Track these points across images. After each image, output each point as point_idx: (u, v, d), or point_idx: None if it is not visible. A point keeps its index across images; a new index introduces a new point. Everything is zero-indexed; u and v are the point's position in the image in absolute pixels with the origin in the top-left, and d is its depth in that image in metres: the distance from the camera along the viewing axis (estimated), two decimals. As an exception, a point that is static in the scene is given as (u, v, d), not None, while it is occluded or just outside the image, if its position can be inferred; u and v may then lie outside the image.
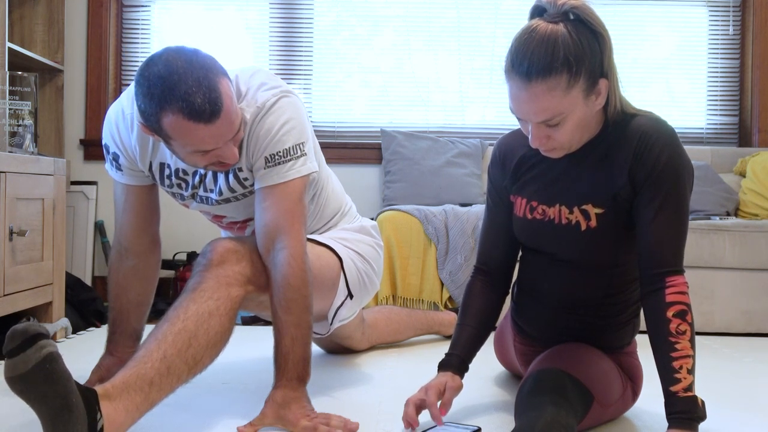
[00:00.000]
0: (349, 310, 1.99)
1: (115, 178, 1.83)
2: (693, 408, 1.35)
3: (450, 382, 1.59)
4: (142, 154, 1.75)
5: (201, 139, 1.50)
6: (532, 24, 1.40)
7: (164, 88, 1.46)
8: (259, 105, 1.65)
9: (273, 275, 1.63)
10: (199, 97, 1.45)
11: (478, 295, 1.69)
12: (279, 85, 1.71)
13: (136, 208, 1.84)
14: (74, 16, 3.66)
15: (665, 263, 1.43)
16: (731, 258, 2.89)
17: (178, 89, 1.45)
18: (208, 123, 1.48)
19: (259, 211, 1.68)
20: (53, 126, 3.53)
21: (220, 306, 1.54)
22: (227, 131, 1.53)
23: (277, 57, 3.80)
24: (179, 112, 1.46)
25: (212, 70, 1.50)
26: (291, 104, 1.69)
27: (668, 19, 3.84)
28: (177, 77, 1.45)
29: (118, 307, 1.87)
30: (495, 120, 3.83)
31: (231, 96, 1.53)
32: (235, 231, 1.95)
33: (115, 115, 1.76)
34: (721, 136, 3.87)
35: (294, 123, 1.68)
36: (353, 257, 1.96)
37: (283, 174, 1.66)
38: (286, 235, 1.63)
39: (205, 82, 1.47)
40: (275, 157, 1.65)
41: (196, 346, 1.48)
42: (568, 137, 1.44)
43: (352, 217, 2.10)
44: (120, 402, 1.36)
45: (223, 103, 1.49)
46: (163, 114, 1.48)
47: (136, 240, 1.86)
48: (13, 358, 1.24)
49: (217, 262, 1.60)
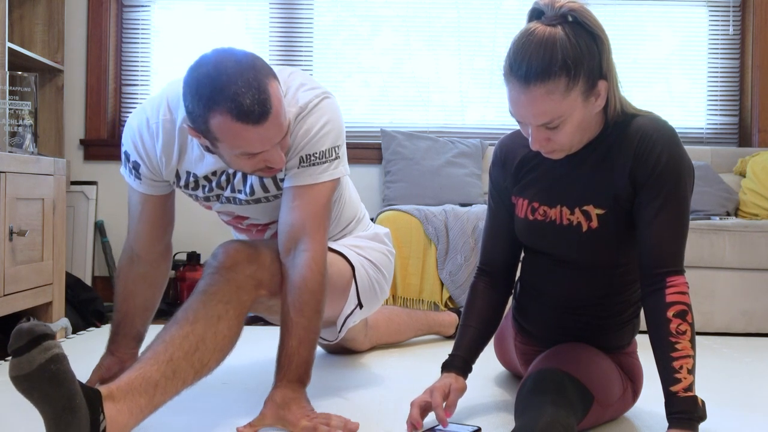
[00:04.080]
0: (358, 318, 1.98)
1: (133, 186, 1.79)
2: (693, 408, 1.35)
3: (454, 384, 1.59)
4: (167, 162, 1.71)
5: (249, 141, 1.48)
6: (530, 27, 1.40)
7: (213, 88, 1.43)
8: (302, 105, 1.63)
9: (290, 275, 1.62)
10: (248, 98, 1.43)
11: (482, 296, 1.69)
12: (319, 86, 1.69)
13: (152, 218, 1.82)
14: (74, 16, 3.66)
15: (666, 263, 1.43)
16: (731, 258, 2.89)
17: (228, 90, 1.42)
18: (257, 124, 1.45)
19: (286, 209, 1.66)
20: (53, 126, 3.53)
21: (229, 310, 1.53)
22: (276, 134, 1.50)
23: (277, 57, 3.79)
24: (228, 113, 1.43)
25: (262, 72, 1.47)
26: (331, 106, 1.68)
27: (668, 19, 3.84)
28: (226, 78, 1.43)
29: (124, 311, 1.86)
30: (495, 120, 3.83)
31: (280, 98, 1.50)
32: (254, 234, 1.93)
33: (138, 124, 1.71)
34: (721, 136, 3.87)
35: (333, 125, 1.66)
36: (365, 265, 1.95)
37: (316, 175, 1.65)
38: (310, 237, 1.62)
39: (254, 84, 1.44)
40: (311, 157, 1.64)
41: (204, 349, 1.48)
42: (568, 139, 1.44)
43: (366, 224, 2.09)
44: (124, 403, 1.36)
45: (273, 104, 1.46)
46: (211, 115, 1.45)
47: (150, 248, 1.84)
48: (18, 358, 1.23)
49: (228, 265, 1.58)
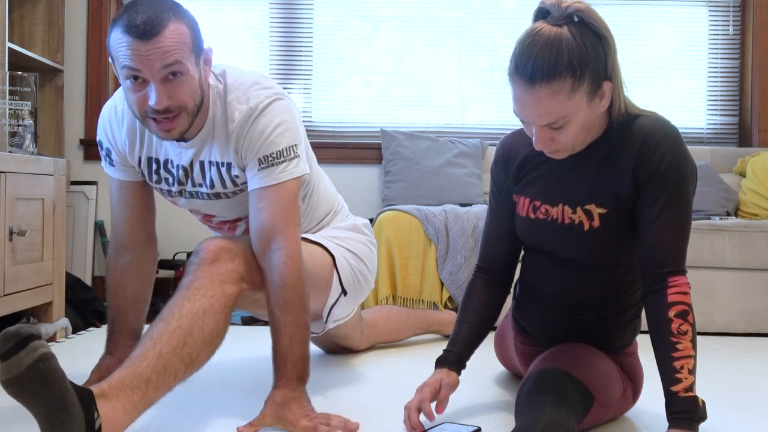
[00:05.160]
0: (344, 308, 1.99)
1: (109, 173, 1.86)
2: (694, 408, 1.35)
3: (446, 379, 1.59)
4: (131, 148, 1.78)
5: (130, 53, 1.50)
6: (536, 27, 1.40)
7: (124, 9, 1.53)
8: (252, 106, 1.66)
9: (269, 276, 1.63)
10: (141, 16, 1.50)
11: (479, 294, 1.69)
12: (273, 86, 1.72)
13: (131, 203, 1.86)
14: (74, 16, 3.65)
15: (667, 263, 1.43)
16: (731, 258, 2.89)
17: (132, 8, 1.51)
18: (139, 39, 1.49)
19: (254, 212, 1.68)
20: (53, 126, 3.53)
21: (214, 303, 1.55)
22: (158, 58, 1.51)
23: (277, 57, 3.79)
24: (120, 26, 1.51)
25: (173, 11, 1.54)
26: (284, 107, 1.70)
27: (668, 19, 3.84)
28: (140, 2, 1.52)
29: (116, 305, 1.88)
30: (495, 120, 3.83)
31: (180, 36, 1.53)
32: (225, 231, 1.95)
33: (108, 111, 1.80)
34: (721, 136, 3.87)
35: (287, 125, 1.68)
36: (346, 255, 1.96)
37: (276, 175, 1.67)
38: (282, 235, 1.64)
39: (155, 10, 1.51)
40: (269, 158, 1.66)
41: (192, 344, 1.49)
42: (572, 139, 1.44)
43: (344, 216, 2.11)
44: (117, 401, 1.36)
45: (165, 30, 1.51)
46: (112, 30, 1.53)
47: (132, 235, 1.87)
48: (6, 361, 1.24)
49: (210, 260, 1.60)
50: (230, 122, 1.66)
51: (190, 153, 1.72)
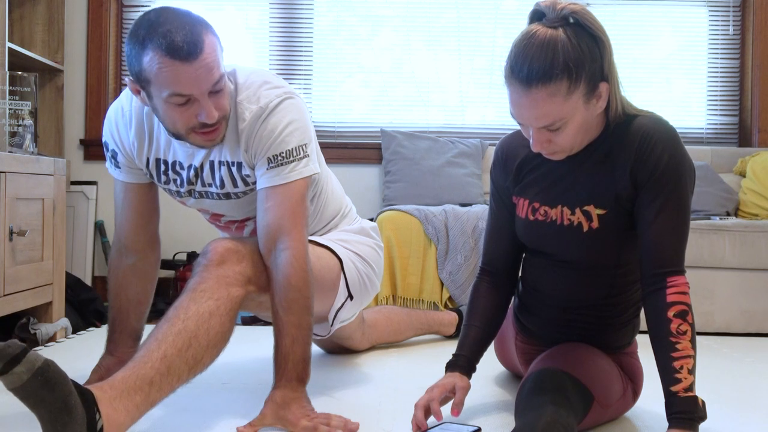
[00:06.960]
0: (349, 311, 1.99)
1: (114, 175, 1.85)
2: (693, 408, 1.35)
3: (459, 383, 1.59)
4: (139, 149, 1.76)
5: (177, 78, 1.49)
6: (532, 29, 1.39)
7: (149, 29, 1.49)
8: (262, 105, 1.65)
9: (274, 276, 1.63)
10: (180, 36, 1.47)
11: (484, 296, 1.69)
12: (283, 85, 1.71)
13: (135, 205, 1.85)
14: (74, 16, 3.66)
15: (666, 263, 1.43)
16: (731, 258, 2.89)
17: (162, 28, 1.48)
18: (185, 61, 1.48)
19: (261, 211, 1.68)
20: (53, 126, 3.53)
21: (220, 306, 1.54)
22: (205, 77, 1.51)
23: (277, 57, 3.80)
24: (158, 48, 1.47)
25: (201, 24, 1.52)
26: (294, 106, 1.69)
27: (668, 19, 3.84)
28: (163, 20, 1.49)
29: (117, 306, 1.88)
30: (495, 120, 3.83)
31: (215, 48, 1.53)
32: (233, 231, 1.95)
33: (115, 113, 1.78)
34: (721, 136, 3.87)
35: (297, 124, 1.68)
36: (353, 258, 1.96)
37: (285, 175, 1.66)
38: (288, 236, 1.63)
39: (188, 27, 1.49)
40: (278, 157, 1.66)
41: (197, 346, 1.48)
42: (570, 141, 1.44)
43: (351, 218, 2.10)
44: (119, 402, 1.36)
45: (204, 46, 1.50)
46: (144, 53, 1.49)
47: (135, 237, 1.87)
48: (4, 376, 1.24)
49: (217, 262, 1.59)
50: (240, 122, 1.66)
51: (201, 153, 1.71)
